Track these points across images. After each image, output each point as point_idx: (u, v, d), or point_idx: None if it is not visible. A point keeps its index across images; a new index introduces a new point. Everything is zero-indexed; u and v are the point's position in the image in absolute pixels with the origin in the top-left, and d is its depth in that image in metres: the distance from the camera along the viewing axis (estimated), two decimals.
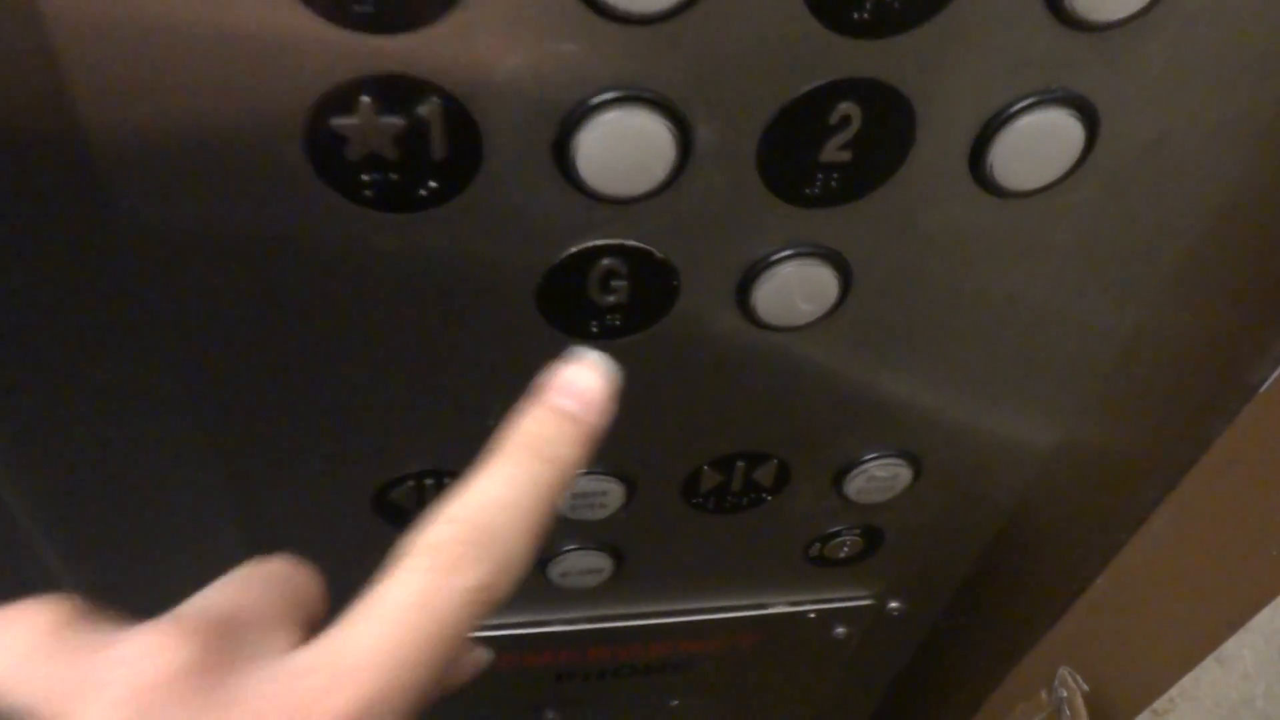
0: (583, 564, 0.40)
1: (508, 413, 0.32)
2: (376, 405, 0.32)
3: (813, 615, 0.47)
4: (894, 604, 0.48)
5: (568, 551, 0.39)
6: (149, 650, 0.16)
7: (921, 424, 0.36)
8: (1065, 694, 0.45)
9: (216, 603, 0.18)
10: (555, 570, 0.40)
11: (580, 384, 0.21)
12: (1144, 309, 0.34)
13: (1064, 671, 0.45)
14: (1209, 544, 0.41)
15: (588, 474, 0.35)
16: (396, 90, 0.23)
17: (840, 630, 0.48)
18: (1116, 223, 0.30)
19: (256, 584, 0.19)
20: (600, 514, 0.37)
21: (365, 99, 0.23)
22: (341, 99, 0.23)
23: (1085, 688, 0.45)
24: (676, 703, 0.52)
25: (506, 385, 0.31)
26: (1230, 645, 0.39)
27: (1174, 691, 0.42)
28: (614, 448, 0.34)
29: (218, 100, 0.23)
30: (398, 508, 0.35)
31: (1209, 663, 0.40)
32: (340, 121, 0.23)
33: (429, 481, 0.35)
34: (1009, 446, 0.39)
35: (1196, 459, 0.42)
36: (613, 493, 0.36)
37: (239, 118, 0.23)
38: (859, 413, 0.35)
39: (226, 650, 0.16)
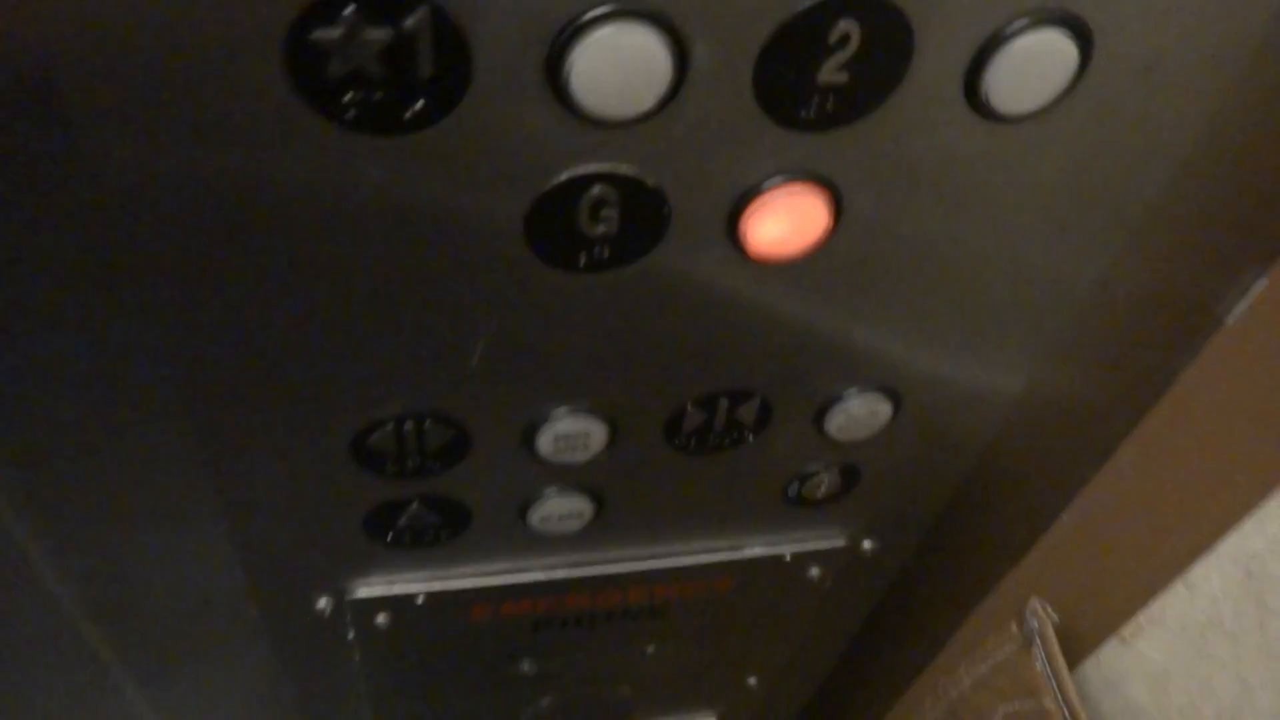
0: (563, 508, 0.39)
1: (490, 351, 0.32)
2: (353, 344, 0.31)
3: (789, 558, 0.47)
4: (867, 544, 0.48)
5: (548, 496, 0.39)
6: None
7: (903, 359, 0.36)
8: (1036, 624, 0.45)
9: None
10: (535, 515, 0.39)
11: None
12: (1124, 241, 0.34)
13: (1035, 603, 0.46)
14: (1174, 474, 0.42)
15: (571, 413, 0.35)
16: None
17: (815, 572, 0.48)
18: (1104, 150, 0.30)
19: None
20: (582, 456, 0.36)
21: (350, 9, 0.22)
22: (326, 9, 0.22)
23: (1055, 618, 0.46)
24: (652, 649, 0.52)
25: (490, 322, 0.31)
26: (1198, 570, 0.40)
27: (1141, 618, 0.43)
28: (598, 387, 0.33)
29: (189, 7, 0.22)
30: (377, 453, 0.34)
31: (1177, 587, 0.41)
32: (323, 34, 0.22)
33: (408, 425, 0.34)
34: (986, 382, 0.39)
35: (1163, 392, 0.43)
36: (595, 434, 0.36)
37: (212, 28, 0.22)
38: (842, 347, 0.35)
39: None
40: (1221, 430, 0.40)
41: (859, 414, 0.38)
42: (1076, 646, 0.47)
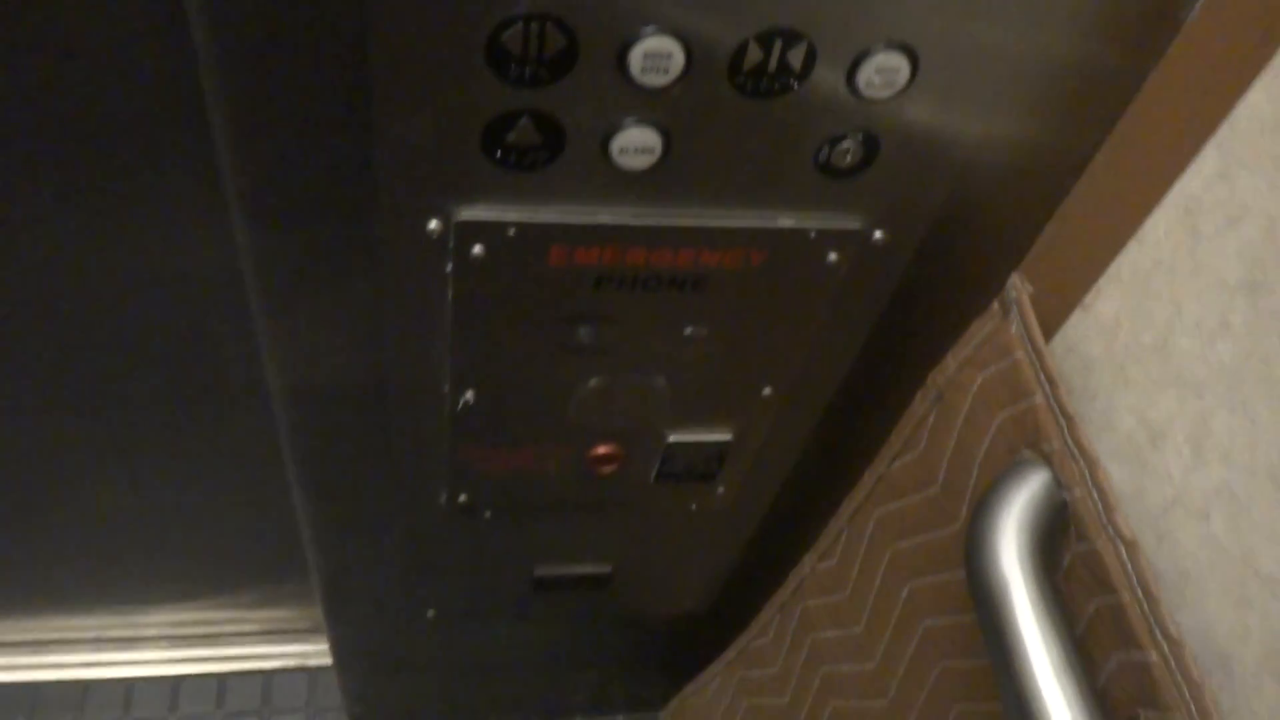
0: (639, 141, 0.48)
1: None
2: None
3: (813, 235, 0.56)
4: (878, 235, 0.57)
5: (628, 126, 0.48)
6: None
7: (926, 15, 0.45)
8: (1014, 295, 0.55)
9: None
10: (615, 146, 0.49)
11: None
12: None
13: (1015, 277, 0.55)
14: (1139, 162, 0.51)
15: (656, 33, 0.44)
16: None
17: (833, 256, 0.58)
18: None
19: None
20: (661, 80, 0.46)
21: None
22: None
23: (1030, 288, 0.55)
24: (690, 330, 0.62)
25: None
26: (1148, 224, 0.49)
27: (1101, 281, 0.52)
28: (678, 7, 0.42)
29: None
30: (506, 53, 0.44)
31: (1130, 245, 0.50)
32: None
33: (534, 25, 0.43)
34: (994, 60, 0.48)
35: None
36: (675, 56, 0.45)
37: None
38: None
39: None
40: (1180, 113, 0.49)
41: (884, 69, 0.47)
42: (1047, 327, 0.56)
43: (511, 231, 0.52)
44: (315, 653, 1.33)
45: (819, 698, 0.84)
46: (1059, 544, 0.52)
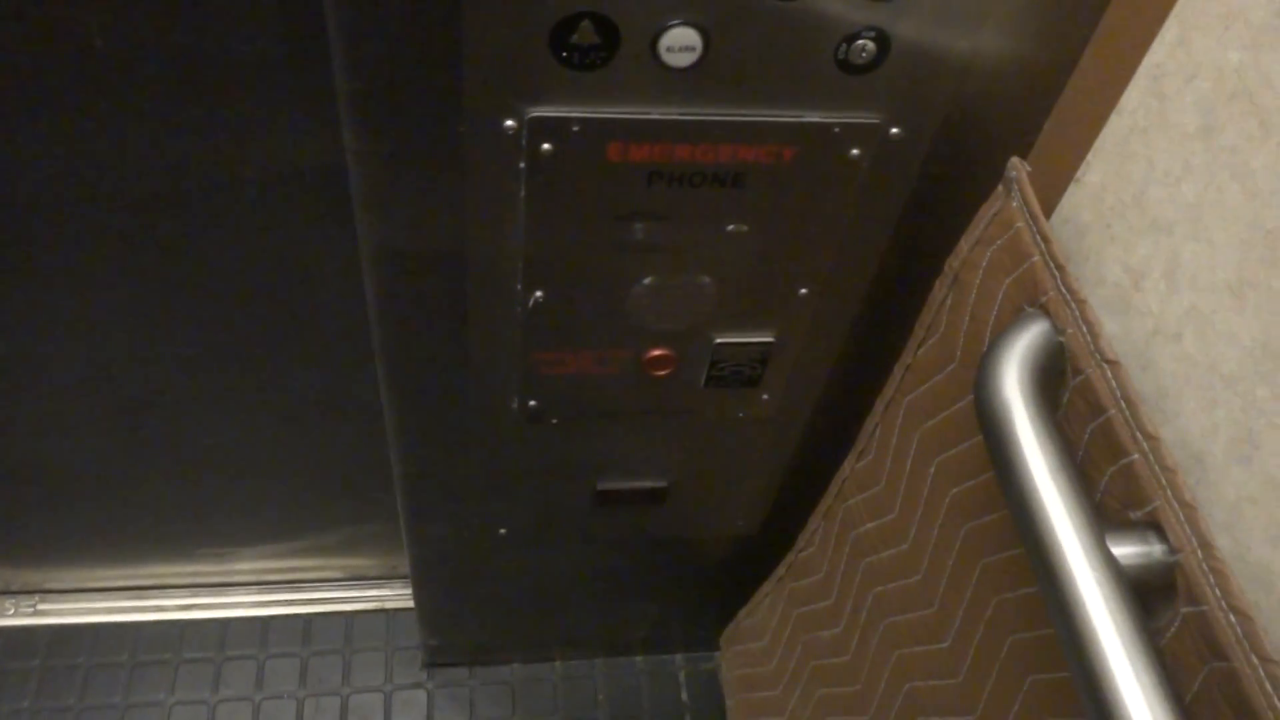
0: (682, 39, 0.57)
1: None
2: None
3: (836, 130, 0.65)
4: (894, 130, 0.66)
5: (673, 26, 0.57)
6: None
7: None
8: (1015, 174, 0.63)
9: None
10: (663, 44, 0.58)
11: None
12: None
13: (1014, 159, 0.63)
14: (1116, 48, 0.59)
15: None
16: None
17: (855, 152, 0.66)
18: None
19: None
20: None
21: None
22: None
23: (1029, 168, 0.63)
24: (731, 227, 0.70)
25: None
26: (1124, 97, 0.57)
27: (1089, 156, 0.60)
28: None
29: None
30: None
31: (1112, 119, 0.58)
32: None
33: None
34: None
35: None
36: None
37: None
38: None
39: None
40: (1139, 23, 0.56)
41: None
42: (1047, 205, 0.64)
43: (576, 128, 0.61)
44: (393, 596, 1.43)
45: (862, 589, 0.92)
46: (1058, 386, 0.60)
